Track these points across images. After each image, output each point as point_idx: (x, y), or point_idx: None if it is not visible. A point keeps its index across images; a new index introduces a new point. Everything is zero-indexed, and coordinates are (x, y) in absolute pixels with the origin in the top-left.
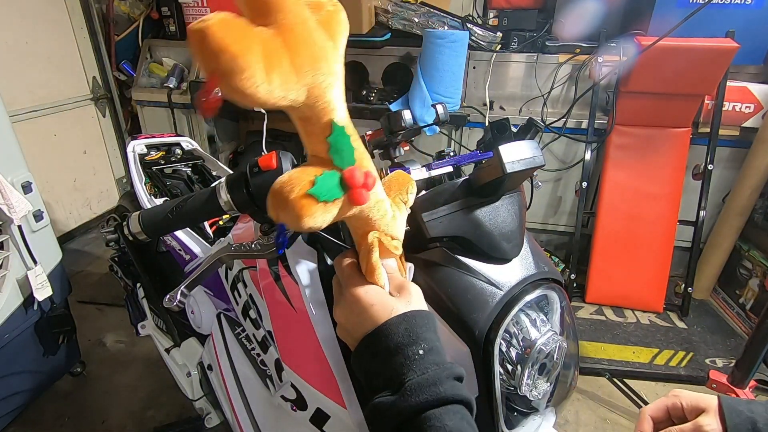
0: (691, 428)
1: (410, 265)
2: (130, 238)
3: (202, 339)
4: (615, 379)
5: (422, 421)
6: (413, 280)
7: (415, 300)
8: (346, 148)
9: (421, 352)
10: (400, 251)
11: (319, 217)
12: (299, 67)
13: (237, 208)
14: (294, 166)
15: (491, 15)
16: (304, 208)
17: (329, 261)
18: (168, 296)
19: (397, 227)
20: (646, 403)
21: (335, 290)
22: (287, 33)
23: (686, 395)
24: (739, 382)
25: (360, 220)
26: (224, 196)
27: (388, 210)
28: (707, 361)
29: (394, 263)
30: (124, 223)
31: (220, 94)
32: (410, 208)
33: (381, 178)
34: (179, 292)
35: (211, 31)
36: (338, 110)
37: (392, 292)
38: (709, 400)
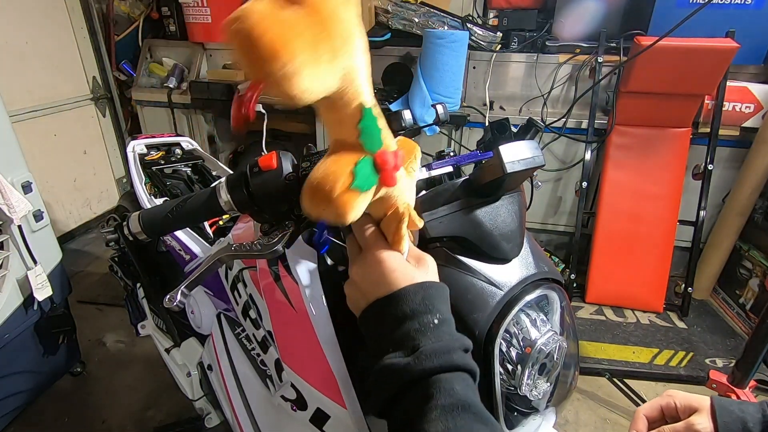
0: (684, 427)
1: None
2: (130, 238)
3: (202, 339)
4: (615, 379)
5: (432, 383)
6: None
7: (432, 272)
8: (375, 131)
9: (435, 321)
10: (422, 224)
11: (360, 207)
12: (336, 50)
13: (237, 208)
14: (294, 165)
15: (491, 15)
16: (349, 203)
17: (329, 261)
18: (168, 296)
19: (410, 196)
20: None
21: (352, 251)
22: (317, 14)
23: (680, 395)
24: (739, 382)
25: (384, 198)
26: (224, 196)
27: (402, 182)
28: (707, 361)
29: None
30: (124, 223)
31: (257, 100)
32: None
33: None
34: (179, 292)
35: (256, 34)
36: (366, 92)
37: (410, 261)
38: (701, 400)
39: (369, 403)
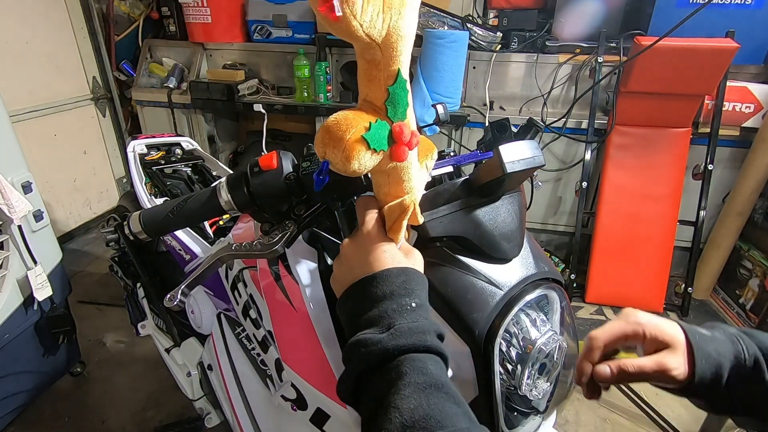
0: (654, 367)
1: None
2: (131, 237)
3: (202, 339)
4: None
5: (406, 360)
6: None
7: (418, 264)
8: (402, 102)
9: (413, 304)
10: (422, 220)
11: (365, 162)
12: (388, 6)
13: (237, 208)
14: (294, 165)
15: (491, 15)
16: (355, 150)
17: (329, 261)
18: (168, 296)
19: (419, 191)
20: (646, 404)
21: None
22: None
23: (650, 325)
24: None
25: (391, 177)
26: (225, 195)
27: (414, 174)
28: None
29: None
30: (125, 222)
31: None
32: None
33: None
34: (179, 291)
35: None
36: (405, 64)
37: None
38: (674, 332)
39: (339, 384)
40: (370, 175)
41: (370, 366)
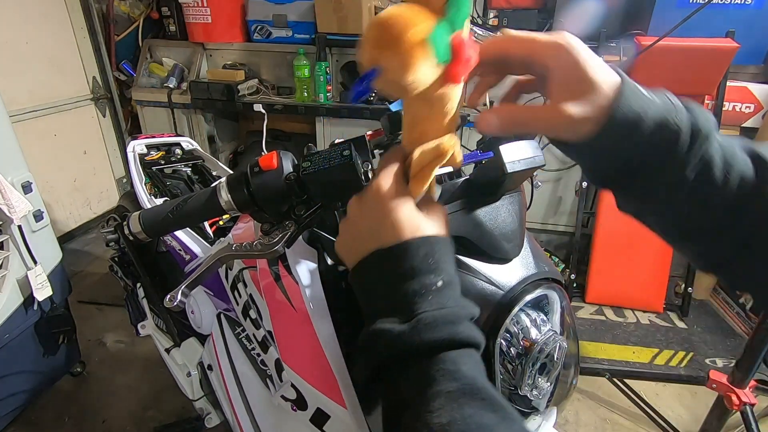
0: (547, 116)
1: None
2: (131, 238)
3: (202, 339)
4: (615, 379)
5: (435, 362)
6: None
7: (441, 224)
8: (466, 5)
9: (439, 283)
10: (461, 160)
11: (424, 75)
12: None
13: (238, 208)
14: (294, 165)
15: (491, 15)
16: (418, 55)
17: (329, 261)
18: (168, 296)
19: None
20: (646, 404)
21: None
22: None
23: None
24: (739, 382)
25: (435, 108)
26: (225, 196)
27: (458, 113)
28: (707, 361)
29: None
30: (125, 223)
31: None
32: None
33: None
34: (180, 292)
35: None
36: None
37: (420, 207)
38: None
39: (355, 370)
40: (403, 112)
41: (392, 358)
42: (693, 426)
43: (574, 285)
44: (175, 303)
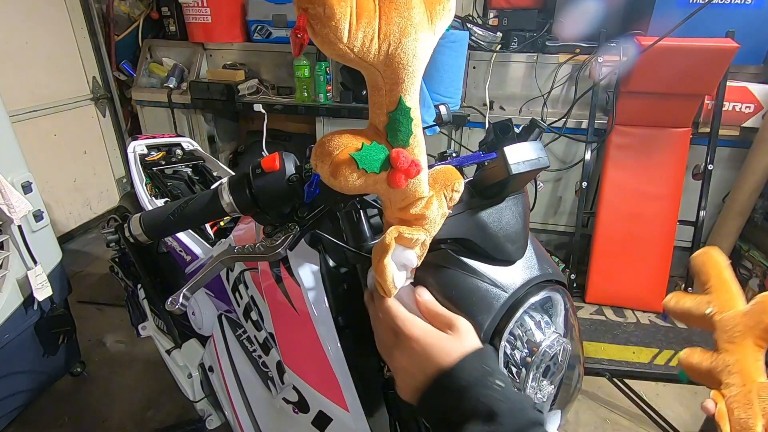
0: None
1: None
2: (131, 240)
3: (203, 340)
4: (615, 379)
5: None
6: (414, 279)
7: (469, 337)
8: (403, 129)
9: (501, 384)
10: (415, 247)
11: (352, 182)
12: (385, 35)
13: (240, 210)
14: (297, 167)
15: (491, 15)
16: (342, 168)
17: (331, 262)
18: (170, 299)
19: (434, 224)
20: (646, 404)
21: (380, 327)
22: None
23: None
24: None
25: (393, 202)
26: (227, 198)
27: (431, 206)
28: None
29: (434, 300)
30: (125, 225)
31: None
32: None
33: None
34: (181, 295)
35: None
36: (411, 93)
37: (443, 329)
38: None
39: None
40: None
41: None
42: (693, 426)
43: (574, 285)
44: (177, 306)
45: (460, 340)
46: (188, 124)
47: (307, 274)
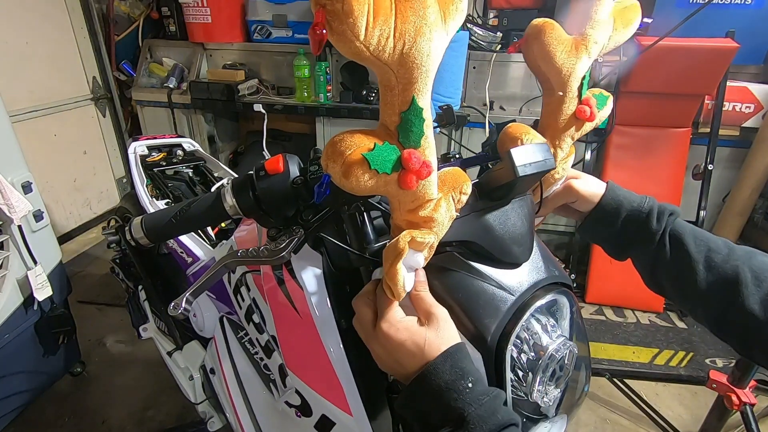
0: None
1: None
2: (132, 243)
3: (205, 342)
4: (615, 379)
5: None
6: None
7: (445, 329)
8: (415, 129)
9: (470, 385)
10: (423, 249)
11: (364, 182)
12: (401, 34)
13: (243, 213)
14: (301, 169)
15: (491, 15)
16: (354, 168)
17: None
18: (173, 304)
19: (442, 226)
20: (646, 404)
21: (363, 326)
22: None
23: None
24: (739, 382)
25: (402, 204)
26: (230, 200)
27: (440, 208)
28: (707, 361)
29: (424, 283)
30: (127, 227)
31: (325, 31)
32: None
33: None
34: (184, 299)
35: None
36: (423, 93)
37: (420, 318)
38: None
39: None
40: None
41: None
42: (693, 426)
43: (574, 285)
44: (180, 311)
45: (431, 332)
46: (188, 124)
47: (310, 276)
